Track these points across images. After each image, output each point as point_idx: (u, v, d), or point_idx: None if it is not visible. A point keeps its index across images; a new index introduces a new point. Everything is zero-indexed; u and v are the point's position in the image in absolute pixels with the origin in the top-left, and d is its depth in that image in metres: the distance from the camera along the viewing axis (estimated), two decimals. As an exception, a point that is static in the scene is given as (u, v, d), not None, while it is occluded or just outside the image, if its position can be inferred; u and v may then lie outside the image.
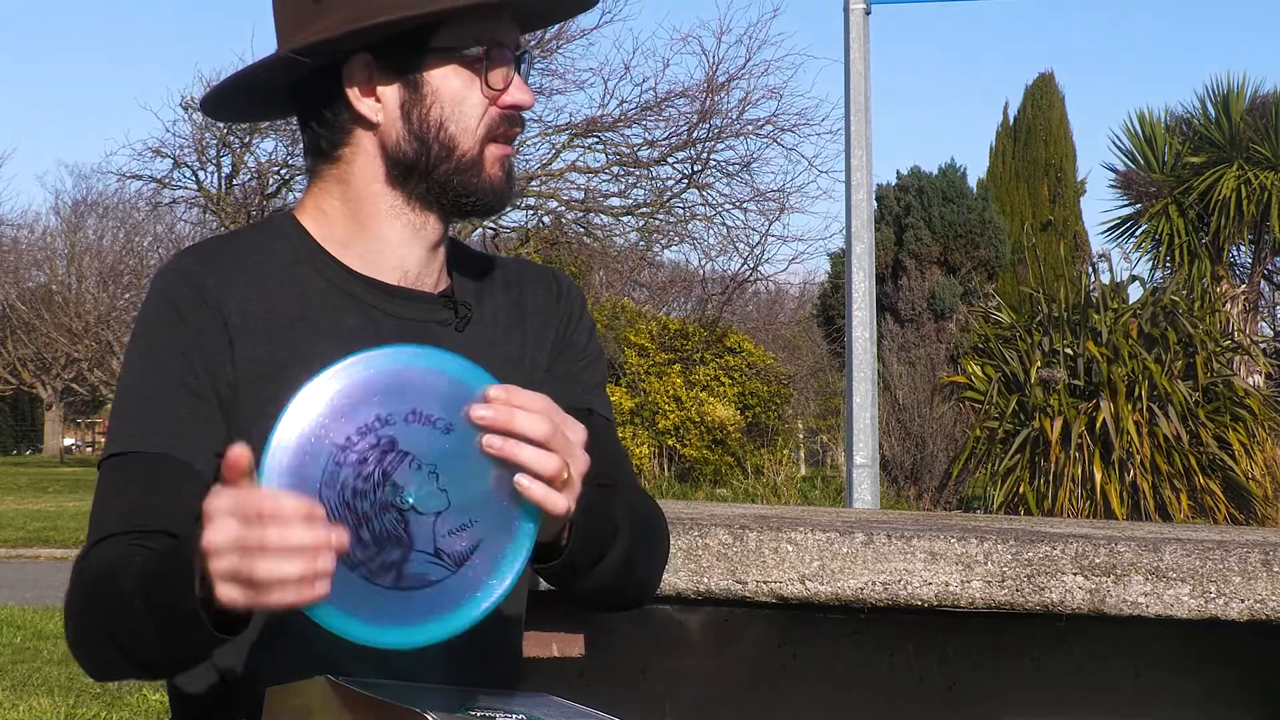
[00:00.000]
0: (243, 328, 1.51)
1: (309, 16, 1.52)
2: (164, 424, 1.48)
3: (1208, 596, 2.27)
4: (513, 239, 20.75)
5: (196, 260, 1.54)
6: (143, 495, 1.46)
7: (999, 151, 23.33)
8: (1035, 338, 10.30)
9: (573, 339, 1.68)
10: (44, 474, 29.68)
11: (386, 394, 1.27)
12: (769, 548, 2.26)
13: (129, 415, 1.51)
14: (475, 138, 1.55)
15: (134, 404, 1.51)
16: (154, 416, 1.49)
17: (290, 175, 19.80)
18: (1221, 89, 19.37)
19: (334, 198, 1.58)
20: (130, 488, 1.47)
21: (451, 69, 1.54)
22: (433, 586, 1.28)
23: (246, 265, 1.55)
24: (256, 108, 1.69)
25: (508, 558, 1.30)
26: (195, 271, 1.53)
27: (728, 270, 22.32)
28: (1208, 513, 9.68)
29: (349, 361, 1.27)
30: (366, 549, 1.25)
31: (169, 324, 1.51)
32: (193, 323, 1.50)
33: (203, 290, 1.51)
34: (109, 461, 1.50)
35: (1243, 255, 20.15)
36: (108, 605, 1.37)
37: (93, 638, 1.41)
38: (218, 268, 1.53)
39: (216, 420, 1.48)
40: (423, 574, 1.27)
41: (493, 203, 1.58)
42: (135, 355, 1.53)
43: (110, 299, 34.58)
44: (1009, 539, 2.28)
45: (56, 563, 12.76)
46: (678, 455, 20.39)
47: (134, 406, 1.51)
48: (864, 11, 7.60)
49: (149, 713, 5.69)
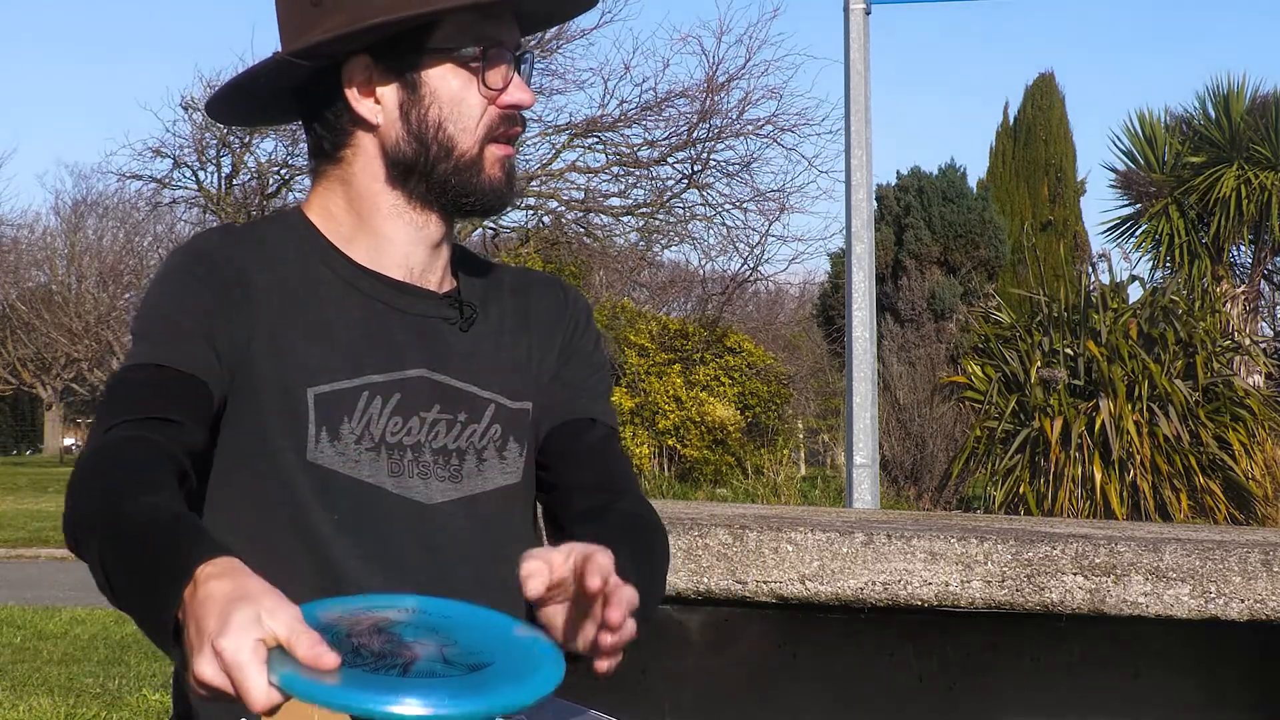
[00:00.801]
0: (263, 303, 1.52)
1: (310, 19, 1.53)
2: (176, 346, 1.48)
3: (1208, 596, 2.27)
4: (513, 239, 20.75)
5: (219, 236, 1.57)
6: (153, 393, 1.45)
7: (999, 151, 23.33)
8: (1035, 338, 10.30)
9: (579, 346, 1.69)
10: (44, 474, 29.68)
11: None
12: (769, 548, 2.26)
13: (142, 340, 1.50)
14: (474, 138, 1.55)
15: (148, 329, 1.50)
16: (167, 340, 1.48)
17: (290, 175, 19.80)
18: (1221, 89, 19.36)
19: (338, 197, 1.60)
20: (141, 387, 1.46)
21: (449, 69, 1.54)
22: (445, 678, 1.17)
23: (262, 251, 1.56)
24: (261, 110, 1.70)
25: (528, 675, 1.20)
26: (221, 244, 1.55)
27: (728, 270, 22.33)
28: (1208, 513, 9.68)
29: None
30: (364, 659, 1.16)
31: (193, 282, 1.51)
32: (215, 285, 1.51)
33: (230, 260, 1.53)
34: (122, 372, 1.49)
35: (1243, 255, 20.14)
36: (104, 516, 1.31)
37: (81, 525, 1.34)
38: (242, 246, 1.55)
39: (225, 370, 1.49)
40: (432, 671, 1.17)
41: (492, 202, 1.59)
42: (153, 295, 1.52)
43: (110, 299, 34.60)
44: (1009, 539, 2.28)
45: (56, 563, 12.76)
46: (678, 455, 20.39)
47: (147, 331, 1.50)
48: (864, 11, 7.60)
49: (149, 713, 5.69)
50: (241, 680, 1.11)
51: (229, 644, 1.11)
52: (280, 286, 1.54)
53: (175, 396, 1.45)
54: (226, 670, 1.11)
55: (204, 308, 1.50)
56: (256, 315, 1.51)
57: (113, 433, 1.41)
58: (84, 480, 1.36)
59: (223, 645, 1.11)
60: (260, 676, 1.10)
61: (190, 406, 1.45)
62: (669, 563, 1.71)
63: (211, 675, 1.12)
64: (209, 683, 1.13)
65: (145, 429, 1.40)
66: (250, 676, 1.10)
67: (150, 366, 1.47)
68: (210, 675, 1.12)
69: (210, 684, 1.13)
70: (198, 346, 1.48)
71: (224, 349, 1.49)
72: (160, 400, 1.44)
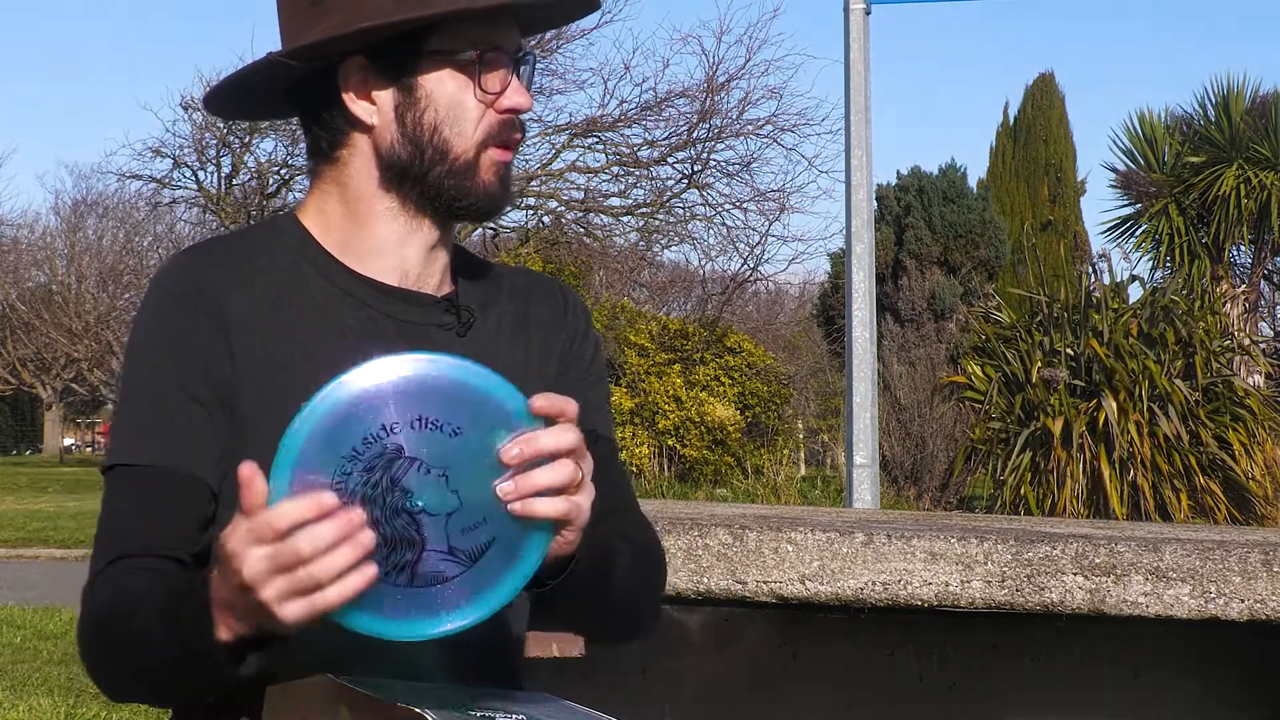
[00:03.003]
0: (242, 326, 1.51)
1: (309, 19, 1.52)
2: (166, 435, 1.48)
3: (1208, 596, 2.26)
4: (513, 239, 20.75)
5: (196, 259, 1.55)
6: (148, 515, 1.47)
7: (999, 151, 23.34)
8: (1035, 337, 10.30)
9: (579, 353, 1.68)
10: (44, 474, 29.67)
11: (391, 401, 1.27)
12: (769, 548, 2.26)
13: (131, 425, 1.50)
14: (471, 142, 1.54)
15: (135, 412, 1.51)
16: (156, 426, 1.49)
17: (290, 175, 19.80)
18: (1221, 89, 19.36)
19: (333, 199, 1.59)
20: (135, 505, 1.47)
21: (446, 73, 1.53)
22: (449, 583, 1.29)
23: (248, 263, 1.55)
24: (259, 106, 1.70)
25: (524, 552, 1.31)
26: (194, 270, 1.53)
27: (728, 270, 22.34)
28: (1208, 513, 9.67)
29: (350, 373, 1.28)
30: (379, 551, 1.26)
31: (166, 326, 1.51)
32: (190, 325, 1.50)
33: (202, 289, 1.51)
34: (113, 473, 1.50)
35: (1243, 255, 20.14)
36: (123, 640, 1.39)
37: (106, 667, 1.43)
38: (218, 266, 1.54)
39: (219, 422, 1.48)
40: (438, 571, 1.29)
41: (486, 208, 1.58)
42: (134, 360, 1.53)
43: (110, 299, 34.60)
44: (1009, 539, 2.28)
45: (56, 563, 12.76)
46: (678, 455, 20.38)
47: (135, 415, 1.50)
48: (864, 11, 7.60)
49: (149, 713, 5.69)
50: (269, 511, 1.21)
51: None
52: (264, 303, 1.52)
53: (163, 507, 1.47)
54: (259, 521, 1.21)
55: (185, 359, 1.49)
56: (235, 344, 1.50)
57: (109, 576, 1.45)
58: (93, 645, 1.43)
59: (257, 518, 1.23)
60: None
61: (189, 515, 1.46)
62: (664, 582, 1.69)
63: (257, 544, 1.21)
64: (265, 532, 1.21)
65: (140, 570, 1.44)
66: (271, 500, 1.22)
67: (145, 472, 1.48)
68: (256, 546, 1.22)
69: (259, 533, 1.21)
70: (189, 421, 1.48)
71: (211, 391, 1.49)
72: (149, 532, 1.46)
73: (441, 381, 1.29)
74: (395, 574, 1.28)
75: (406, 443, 1.27)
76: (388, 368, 1.29)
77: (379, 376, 1.28)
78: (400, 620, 1.28)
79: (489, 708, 1.35)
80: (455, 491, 1.28)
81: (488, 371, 1.31)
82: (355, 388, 1.27)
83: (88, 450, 50.60)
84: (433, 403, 1.28)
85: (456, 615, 1.30)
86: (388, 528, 1.27)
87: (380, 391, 1.28)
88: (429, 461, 1.28)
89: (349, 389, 1.27)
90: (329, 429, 1.26)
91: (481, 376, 1.30)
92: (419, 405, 1.28)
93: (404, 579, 1.28)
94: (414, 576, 1.28)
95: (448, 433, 1.28)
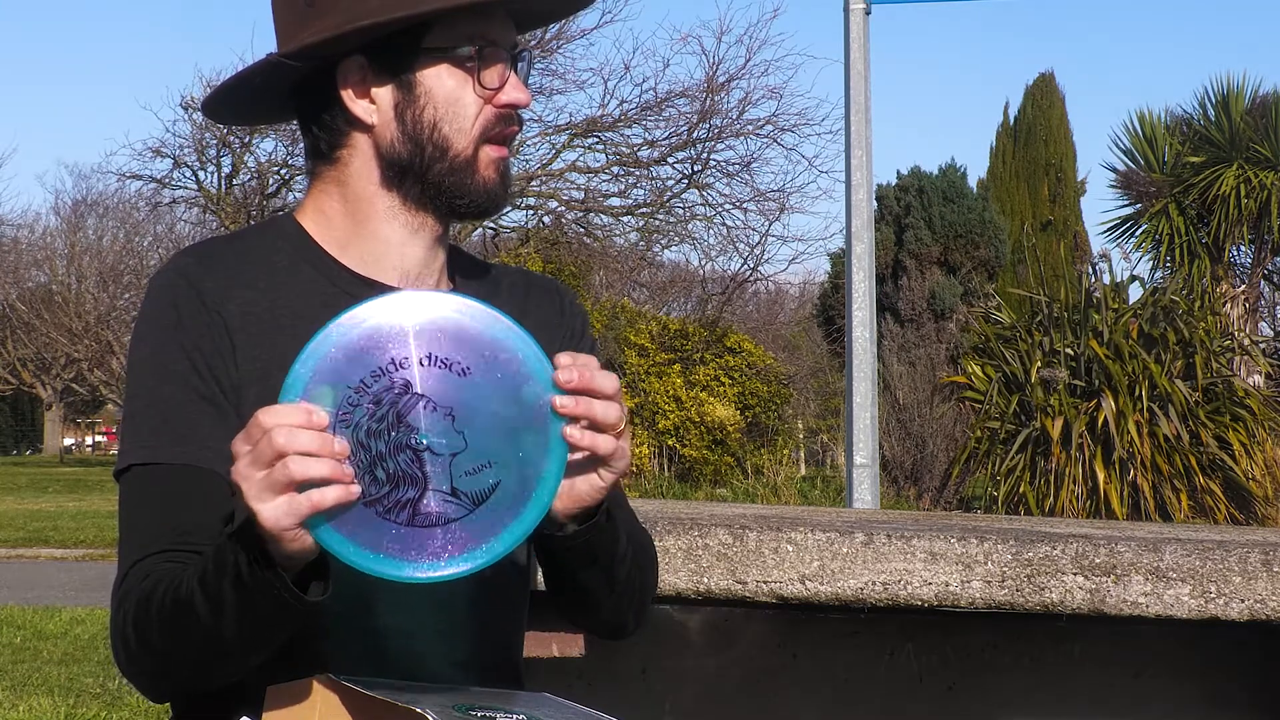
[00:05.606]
0: (243, 328, 1.51)
1: (303, 19, 1.52)
2: (180, 432, 1.48)
3: (1208, 596, 2.26)
4: (513, 239, 20.76)
5: (195, 260, 1.55)
6: (172, 511, 1.46)
7: (999, 151, 23.32)
8: (1035, 338, 10.29)
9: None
10: (44, 474, 29.68)
11: (402, 337, 1.28)
12: (769, 548, 2.26)
13: (143, 426, 1.50)
14: (470, 138, 1.55)
15: (146, 412, 1.50)
16: (169, 425, 1.48)
17: (290, 175, 19.80)
18: (1221, 89, 19.35)
19: (333, 199, 1.59)
20: (155, 503, 1.47)
21: (445, 69, 1.54)
22: (450, 525, 1.29)
23: (247, 265, 1.55)
24: (258, 109, 1.70)
25: (529, 502, 1.30)
26: (194, 272, 1.53)
27: (728, 270, 22.36)
28: (1208, 513, 9.67)
29: (363, 305, 1.29)
30: (380, 487, 1.26)
31: (169, 327, 1.51)
32: (192, 325, 1.50)
33: (202, 291, 1.51)
34: (130, 474, 1.50)
35: (1243, 255, 20.12)
36: (172, 613, 1.37)
37: (153, 656, 1.41)
38: (217, 268, 1.54)
39: (230, 421, 1.48)
40: (439, 513, 1.28)
41: (486, 205, 1.58)
42: (139, 361, 1.52)
43: (110, 299, 34.59)
44: (1009, 539, 2.28)
45: (56, 563, 12.76)
46: (678, 455, 20.38)
47: (147, 415, 1.50)
48: (864, 11, 7.60)
49: (149, 713, 5.69)
50: (260, 411, 1.25)
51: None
52: (262, 304, 1.52)
53: (187, 503, 1.47)
54: (251, 421, 1.25)
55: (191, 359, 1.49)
56: (238, 345, 1.50)
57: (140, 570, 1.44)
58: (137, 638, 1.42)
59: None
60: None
61: (211, 509, 1.45)
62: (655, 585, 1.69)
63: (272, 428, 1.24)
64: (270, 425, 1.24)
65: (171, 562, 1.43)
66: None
67: (162, 470, 1.47)
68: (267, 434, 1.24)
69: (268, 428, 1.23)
70: (200, 419, 1.48)
71: (218, 391, 1.49)
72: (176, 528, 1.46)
73: (453, 321, 1.29)
74: (396, 511, 1.27)
75: (415, 378, 1.27)
76: (401, 303, 1.29)
77: (391, 311, 1.28)
78: (396, 559, 1.27)
79: (489, 708, 1.35)
80: (461, 432, 1.28)
81: (500, 315, 1.31)
82: (368, 321, 1.28)
83: (88, 450, 50.61)
84: (443, 341, 1.29)
85: (455, 561, 1.29)
86: (390, 463, 1.27)
87: (392, 327, 1.28)
88: (437, 399, 1.28)
89: (361, 321, 1.28)
90: (339, 359, 1.26)
91: (494, 320, 1.31)
92: (430, 343, 1.28)
93: (404, 516, 1.27)
94: (415, 515, 1.27)
95: (457, 371, 1.28)
